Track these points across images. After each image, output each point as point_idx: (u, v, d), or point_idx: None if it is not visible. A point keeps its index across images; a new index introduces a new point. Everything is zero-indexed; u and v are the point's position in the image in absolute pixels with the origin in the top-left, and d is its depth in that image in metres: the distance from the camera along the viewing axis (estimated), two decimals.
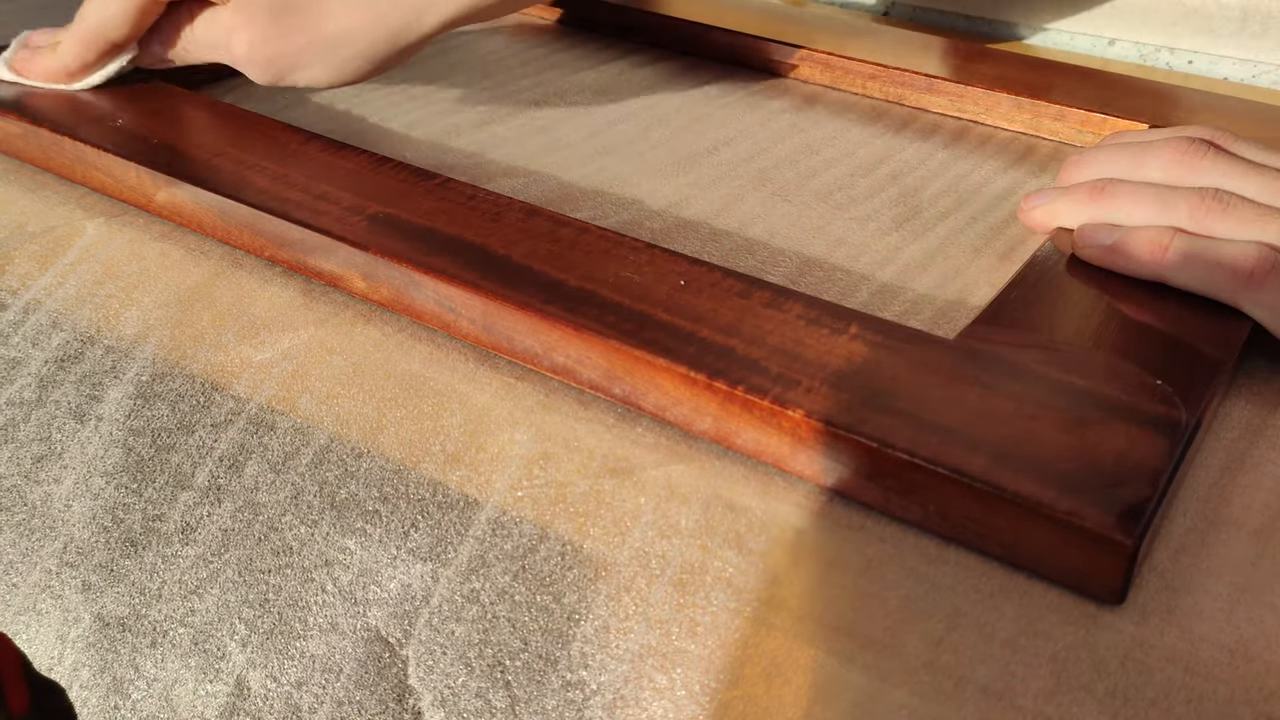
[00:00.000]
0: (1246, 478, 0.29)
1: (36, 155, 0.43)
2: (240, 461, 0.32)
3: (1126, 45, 0.60)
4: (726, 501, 0.28)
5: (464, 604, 0.28)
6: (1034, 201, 0.38)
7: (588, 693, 0.26)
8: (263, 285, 0.37)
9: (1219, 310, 0.33)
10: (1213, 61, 0.58)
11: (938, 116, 0.51)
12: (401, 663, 0.28)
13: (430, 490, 0.30)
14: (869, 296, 0.37)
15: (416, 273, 0.33)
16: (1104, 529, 0.25)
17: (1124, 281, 0.34)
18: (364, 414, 0.32)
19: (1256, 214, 0.33)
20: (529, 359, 0.32)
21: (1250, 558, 0.27)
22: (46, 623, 0.32)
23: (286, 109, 0.49)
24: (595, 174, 0.44)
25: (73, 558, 0.32)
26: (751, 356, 0.30)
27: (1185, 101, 0.49)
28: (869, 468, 0.27)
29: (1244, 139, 0.37)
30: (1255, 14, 0.56)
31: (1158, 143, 0.37)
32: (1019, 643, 0.25)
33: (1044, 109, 0.49)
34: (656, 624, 0.26)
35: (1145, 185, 0.35)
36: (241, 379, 0.34)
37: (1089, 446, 0.27)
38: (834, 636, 0.25)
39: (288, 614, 0.29)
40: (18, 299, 0.38)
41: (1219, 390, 0.30)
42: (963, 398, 0.28)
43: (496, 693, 0.27)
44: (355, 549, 0.30)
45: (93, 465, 0.33)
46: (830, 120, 0.50)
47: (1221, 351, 0.31)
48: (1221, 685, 0.24)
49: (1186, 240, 0.33)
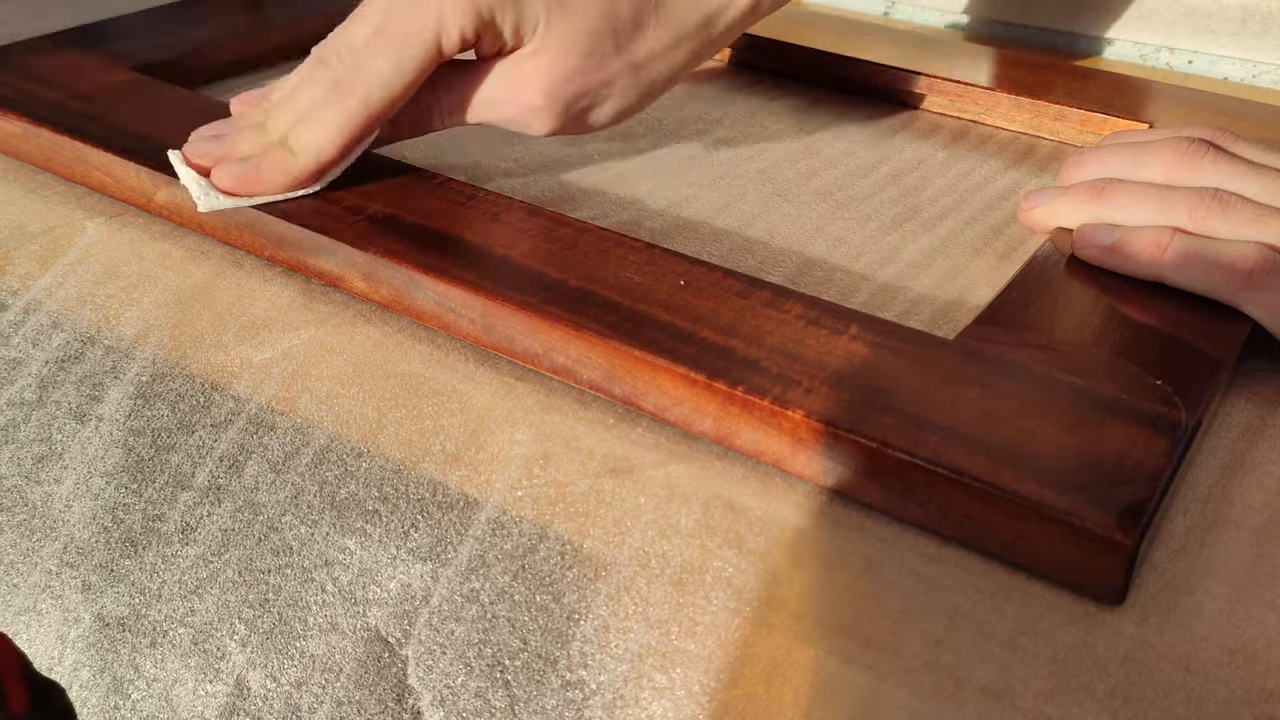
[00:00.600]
0: (1246, 478, 0.29)
1: (37, 155, 0.43)
2: (240, 461, 0.32)
3: (1126, 45, 0.60)
4: (726, 501, 0.28)
5: (464, 604, 0.28)
6: (1033, 201, 0.38)
7: (587, 692, 0.26)
8: (263, 285, 0.37)
9: (1219, 310, 0.33)
10: (1213, 61, 0.58)
11: (938, 116, 0.51)
12: (401, 662, 0.28)
13: (430, 490, 0.30)
14: (869, 296, 0.37)
15: (416, 273, 0.33)
16: (1104, 529, 0.25)
17: (1124, 282, 0.34)
18: (364, 414, 0.32)
19: (1256, 214, 0.33)
20: (529, 359, 0.32)
21: (1250, 558, 0.27)
22: (47, 623, 0.32)
23: None
24: (595, 173, 0.44)
25: (73, 558, 0.32)
26: (751, 357, 0.30)
27: (1185, 101, 0.49)
28: (869, 468, 0.27)
29: (1244, 139, 0.36)
30: (1255, 14, 0.56)
31: (1157, 143, 0.37)
32: (1019, 643, 0.25)
33: (1044, 109, 0.49)
34: (656, 624, 0.26)
35: (1145, 185, 0.35)
36: (241, 379, 0.34)
37: (1089, 446, 0.27)
38: (834, 636, 0.25)
39: (287, 614, 0.29)
40: (18, 299, 0.38)
41: (1219, 390, 0.30)
42: (963, 398, 0.28)
43: (496, 692, 0.27)
44: (355, 549, 0.30)
45: (93, 465, 0.33)
46: (830, 120, 0.50)
47: (1221, 351, 0.31)
48: (1221, 685, 0.24)
49: (1186, 240, 0.33)
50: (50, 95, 0.44)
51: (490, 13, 0.36)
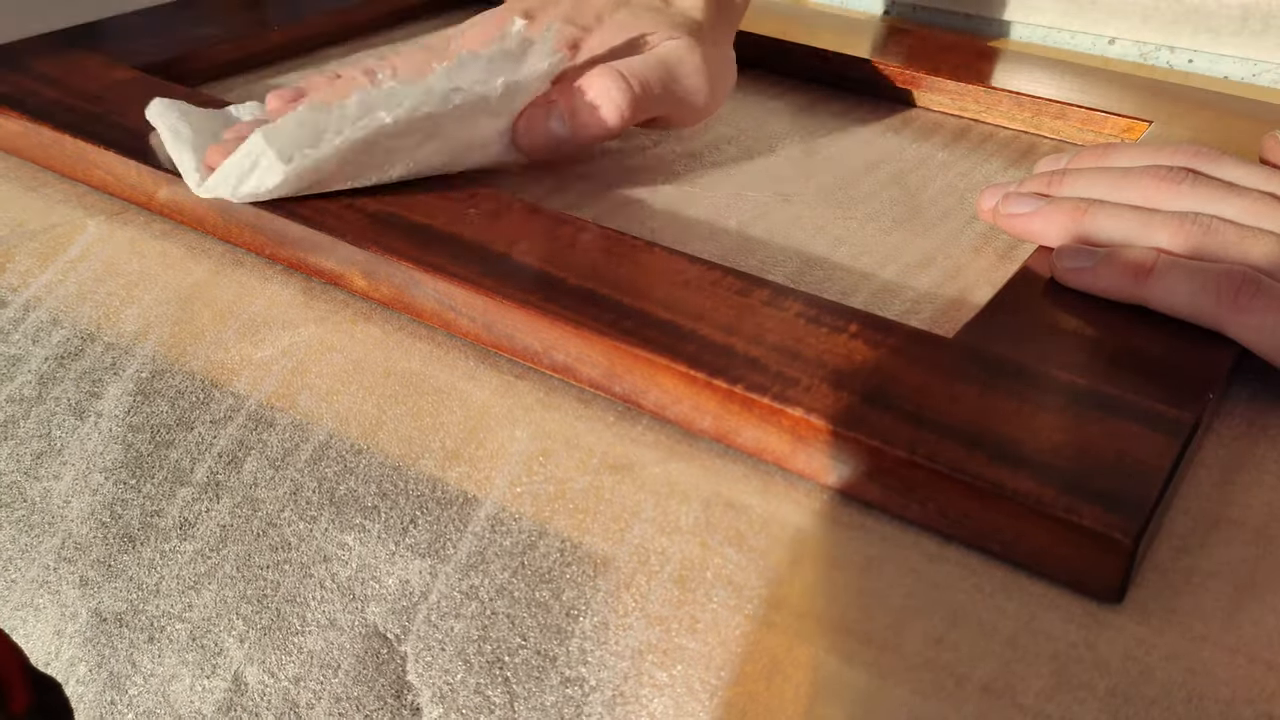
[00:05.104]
0: (1246, 477, 0.29)
1: (37, 153, 0.43)
2: (239, 457, 0.32)
3: (1127, 44, 0.60)
4: (727, 500, 0.28)
5: (463, 600, 0.28)
6: (1011, 208, 0.37)
7: (587, 689, 0.26)
8: (263, 283, 0.37)
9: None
10: (1213, 60, 0.58)
11: (938, 116, 0.51)
12: (400, 659, 0.28)
13: (429, 486, 0.30)
14: (869, 296, 0.37)
15: (417, 270, 0.33)
16: (1103, 527, 0.25)
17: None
18: (364, 411, 0.32)
19: (1239, 236, 0.33)
20: (529, 357, 0.32)
21: (1250, 557, 0.27)
22: (44, 618, 0.32)
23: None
24: (596, 173, 0.44)
25: (71, 553, 0.32)
26: (751, 355, 0.30)
27: (1185, 100, 0.49)
28: (869, 466, 0.27)
29: (1227, 157, 0.36)
30: (1256, 13, 0.56)
31: (1136, 170, 0.36)
32: (1019, 641, 0.25)
33: (1045, 107, 0.49)
34: (656, 621, 0.26)
35: (1126, 208, 0.35)
36: (241, 376, 0.34)
37: (1089, 446, 0.27)
38: (835, 634, 0.25)
39: (285, 610, 0.29)
40: (18, 296, 0.38)
41: (1219, 390, 0.30)
42: (963, 397, 0.28)
43: (495, 689, 0.27)
44: (354, 545, 0.30)
45: (92, 461, 0.33)
46: (831, 119, 0.50)
47: (1221, 350, 0.31)
48: (1222, 685, 0.24)
49: (1169, 263, 0.32)
50: (51, 94, 0.44)
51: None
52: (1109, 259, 0.33)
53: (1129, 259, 0.33)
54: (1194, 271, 0.32)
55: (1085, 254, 0.34)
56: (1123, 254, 0.33)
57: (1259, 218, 0.33)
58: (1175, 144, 0.38)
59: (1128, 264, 0.33)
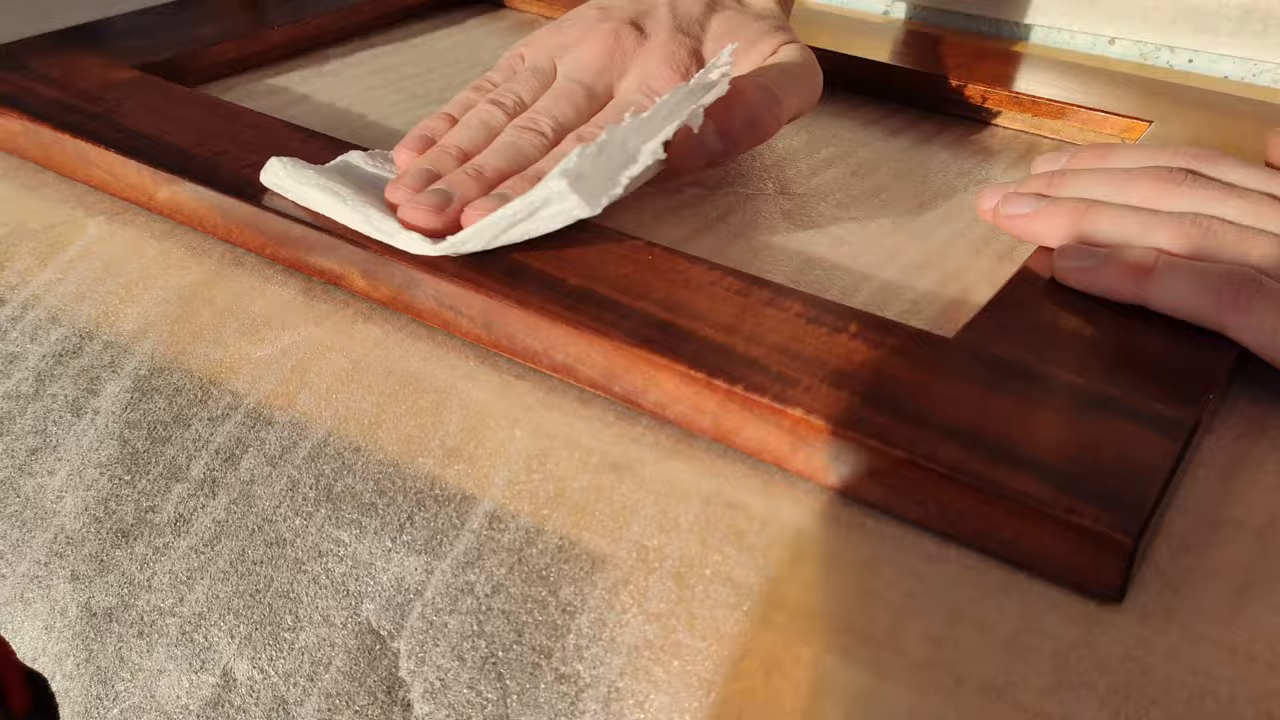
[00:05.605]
0: (1246, 477, 0.29)
1: (38, 153, 0.43)
2: (236, 455, 0.32)
3: (1126, 44, 0.60)
4: (726, 499, 0.28)
5: (458, 596, 0.28)
6: (1011, 208, 0.37)
7: (581, 685, 0.26)
8: (263, 283, 0.37)
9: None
10: (1213, 60, 0.58)
11: (939, 115, 0.51)
12: (392, 655, 0.28)
13: (427, 484, 0.30)
14: (870, 296, 0.37)
15: (416, 271, 0.33)
16: (1103, 527, 0.25)
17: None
18: (363, 410, 0.32)
19: (1239, 237, 0.33)
20: (529, 357, 0.32)
21: (1250, 557, 0.27)
22: (33, 613, 0.32)
23: (288, 106, 0.49)
24: None
25: (62, 548, 0.32)
26: (751, 355, 0.30)
27: (1185, 100, 0.49)
28: (869, 466, 0.27)
29: (1227, 158, 0.36)
30: (1255, 12, 0.56)
31: (1136, 171, 0.36)
32: (1019, 640, 0.25)
33: (1045, 107, 0.49)
34: (654, 618, 0.26)
35: (1126, 208, 0.35)
36: (240, 375, 0.34)
37: (1089, 445, 0.27)
38: (834, 633, 0.25)
39: (278, 605, 0.29)
40: (17, 294, 0.38)
41: (1219, 390, 0.30)
42: (962, 396, 0.28)
43: (488, 685, 0.27)
44: (350, 541, 0.30)
45: (87, 457, 0.33)
46: (831, 119, 0.50)
47: (1221, 350, 0.31)
48: (1223, 684, 0.24)
49: (1169, 263, 0.32)
50: (51, 94, 0.44)
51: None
52: (1109, 259, 0.33)
53: (1130, 259, 0.33)
54: (1194, 272, 0.32)
55: (1086, 254, 0.34)
56: (1123, 254, 0.33)
57: (1259, 219, 0.33)
58: (1175, 145, 0.38)
59: (1128, 264, 0.33)
